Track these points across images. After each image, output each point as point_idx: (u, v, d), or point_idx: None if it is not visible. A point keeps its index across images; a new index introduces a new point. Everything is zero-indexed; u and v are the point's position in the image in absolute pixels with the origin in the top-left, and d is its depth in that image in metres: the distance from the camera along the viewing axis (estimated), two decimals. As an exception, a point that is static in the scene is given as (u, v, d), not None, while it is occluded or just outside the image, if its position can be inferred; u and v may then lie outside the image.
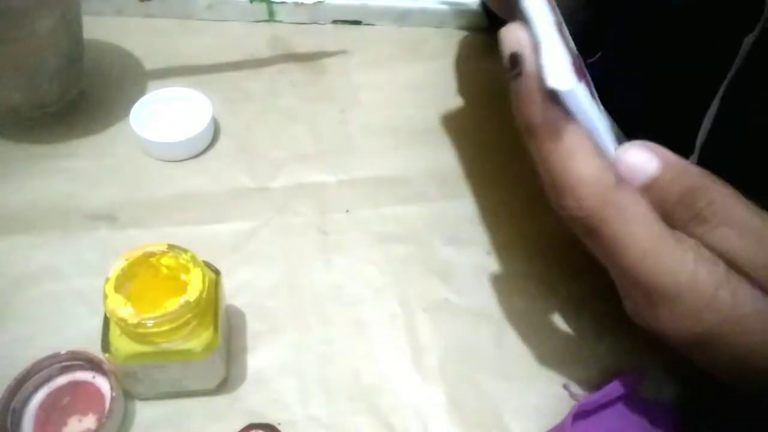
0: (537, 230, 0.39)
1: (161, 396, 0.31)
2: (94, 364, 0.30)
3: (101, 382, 0.30)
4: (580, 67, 0.28)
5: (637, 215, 0.25)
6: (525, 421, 0.32)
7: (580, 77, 0.26)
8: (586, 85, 0.28)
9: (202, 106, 0.42)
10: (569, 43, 0.28)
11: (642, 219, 0.25)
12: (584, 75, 0.28)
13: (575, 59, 0.27)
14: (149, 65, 0.46)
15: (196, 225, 0.38)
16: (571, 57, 0.26)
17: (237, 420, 0.30)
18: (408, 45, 0.50)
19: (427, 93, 0.47)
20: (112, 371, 0.29)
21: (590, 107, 0.26)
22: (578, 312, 0.36)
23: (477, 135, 0.44)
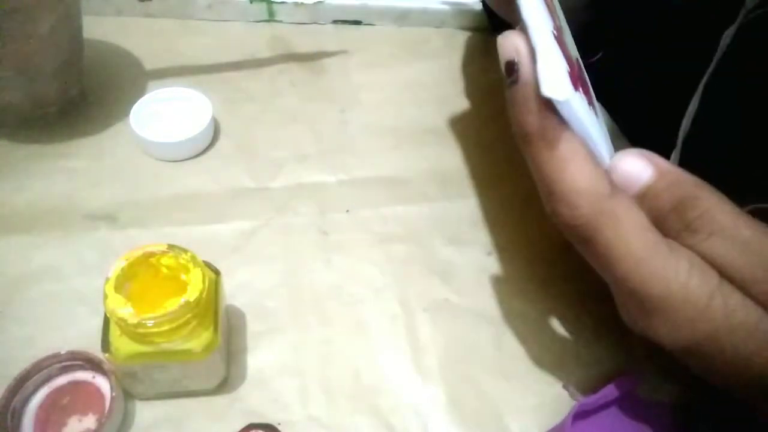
0: (537, 231, 0.39)
1: (161, 396, 0.31)
2: (94, 364, 0.30)
3: (101, 382, 0.30)
4: (579, 75, 0.28)
5: (631, 224, 0.25)
6: (525, 421, 0.32)
7: (577, 85, 0.26)
8: (584, 93, 0.28)
9: (202, 106, 0.42)
10: (570, 49, 0.27)
11: (636, 228, 0.25)
12: (583, 82, 0.28)
13: (574, 66, 0.27)
14: (149, 65, 0.46)
15: (196, 225, 0.38)
16: (569, 65, 0.26)
17: (237, 420, 0.30)
18: (408, 45, 0.50)
19: (428, 93, 0.47)
20: (112, 371, 0.29)
21: (586, 115, 0.26)
22: (578, 313, 0.36)
23: (478, 135, 0.44)
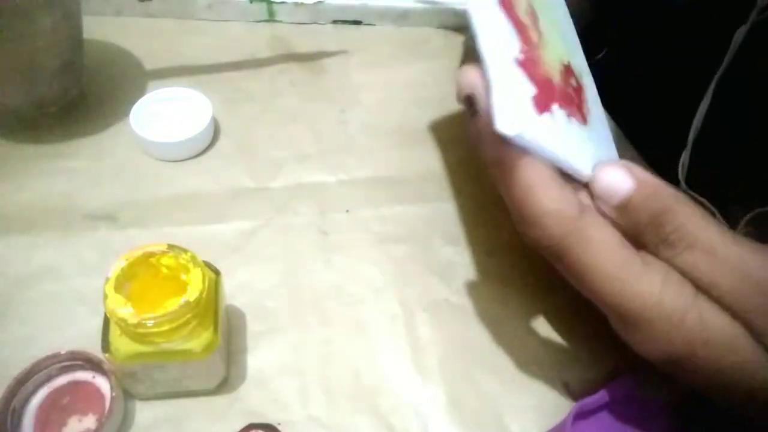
0: (537, 230, 0.39)
1: (161, 396, 0.31)
2: (94, 364, 0.30)
3: (101, 382, 0.30)
4: (563, 88, 0.28)
5: (602, 243, 0.25)
6: (525, 421, 0.32)
7: (548, 105, 0.26)
8: (567, 105, 0.27)
9: (202, 106, 0.42)
10: (546, 65, 0.27)
11: (606, 247, 0.25)
12: (566, 96, 0.28)
13: (546, 85, 0.26)
14: (149, 65, 0.46)
15: (196, 225, 0.38)
16: (539, 86, 0.26)
17: (237, 420, 0.30)
18: (408, 45, 0.50)
19: (427, 93, 0.47)
20: (112, 371, 0.29)
21: (556, 135, 0.26)
22: (578, 313, 0.36)
23: (477, 135, 0.44)
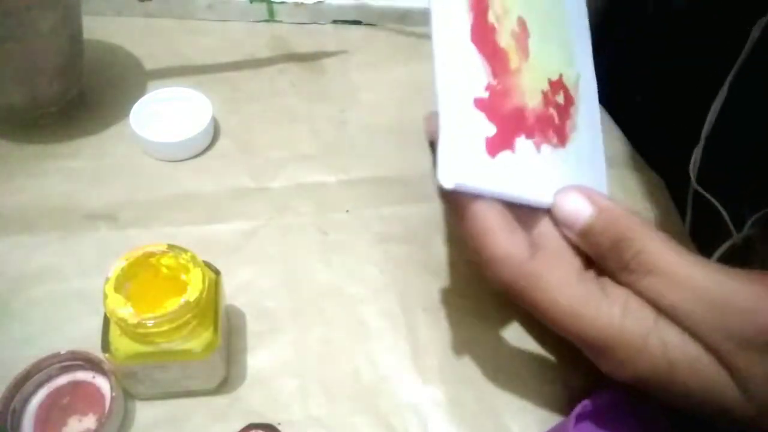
0: (537, 230, 0.39)
1: (161, 396, 0.31)
2: (94, 364, 0.30)
3: (101, 382, 0.30)
4: (537, 117, 0.28)
5: (555, 282, 0.26)
6: (525, 421, 0.32)
7: (512, 140, 0.26)
8: (542, 133, 0.27)
9: (202, 106, 0.42)
10: (525, 93, 0.27)
11: (560, 284, 0.26)
12: (544, 120, 0.28)
13: (508, 121, 0.26)
14: (149, 65, 0.46)
15: (196, 225, 0.38)
16: (500, 125, 0.26)
17: (237, 420, 0.30)
18: (408, 45, 0.50)
19: (428, 93, 0.47)
20: (112, 371, 0.29)
21: (513, 172, 0.26)
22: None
23: (477, 135, 0.44)
